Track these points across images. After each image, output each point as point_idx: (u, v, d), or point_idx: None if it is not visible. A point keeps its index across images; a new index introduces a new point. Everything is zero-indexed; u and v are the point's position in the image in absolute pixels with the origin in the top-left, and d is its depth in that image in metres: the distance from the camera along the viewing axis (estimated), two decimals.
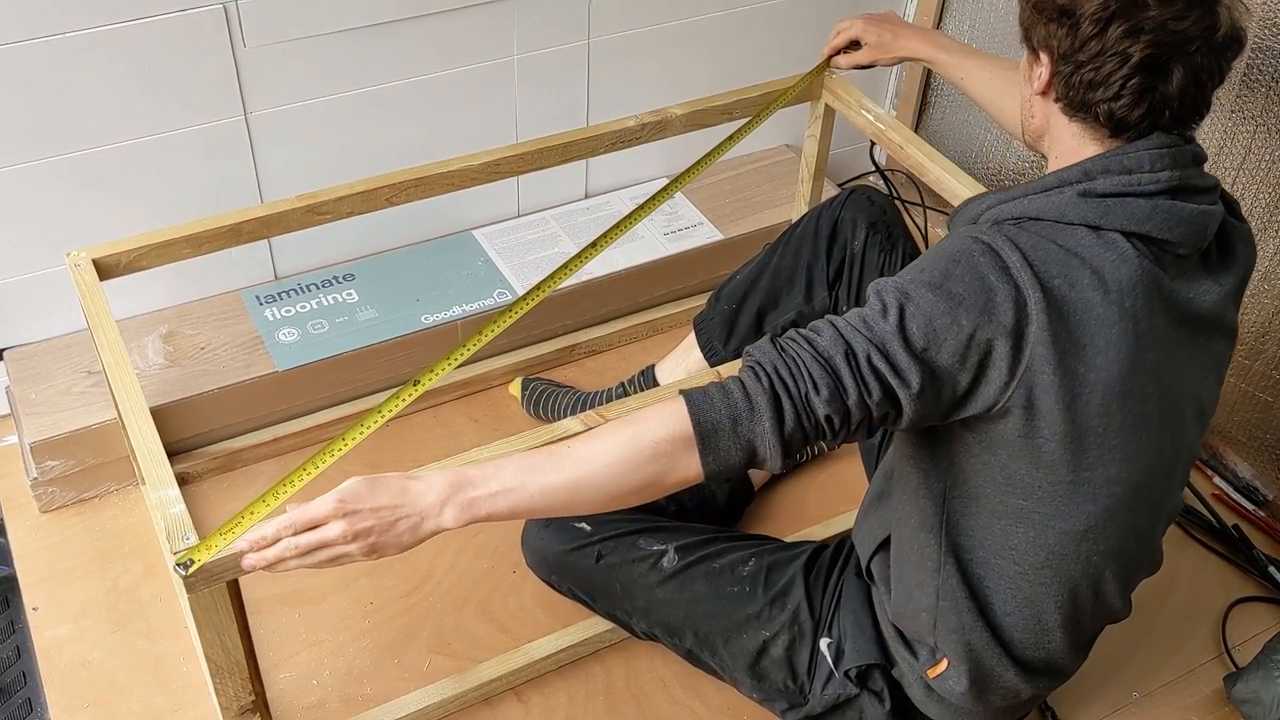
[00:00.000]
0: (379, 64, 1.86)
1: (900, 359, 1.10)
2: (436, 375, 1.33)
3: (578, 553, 1.50)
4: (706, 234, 2.13)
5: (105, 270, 1.50)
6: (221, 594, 1.20)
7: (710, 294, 1.86)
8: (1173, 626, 1.73)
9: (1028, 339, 1.10)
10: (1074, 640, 1.31)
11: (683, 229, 2.14)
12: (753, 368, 1.12)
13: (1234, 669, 1.66)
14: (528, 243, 2.09)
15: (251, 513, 1.15)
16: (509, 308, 1.43)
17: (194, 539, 1.17)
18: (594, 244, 1.54)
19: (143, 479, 1.32)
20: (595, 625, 1.62)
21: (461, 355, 1.35)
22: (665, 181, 1.54)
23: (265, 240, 1.86)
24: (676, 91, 2.01)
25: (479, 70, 1.95)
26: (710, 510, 1.70)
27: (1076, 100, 1.15)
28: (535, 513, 1.13)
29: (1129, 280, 1.12)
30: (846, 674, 1.37)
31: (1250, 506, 1.89)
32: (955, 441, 1.21)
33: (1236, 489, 1.93)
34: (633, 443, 1.11)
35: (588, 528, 1.50)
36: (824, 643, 1.40)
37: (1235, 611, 1.75)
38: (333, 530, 1.07)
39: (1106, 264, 1.11)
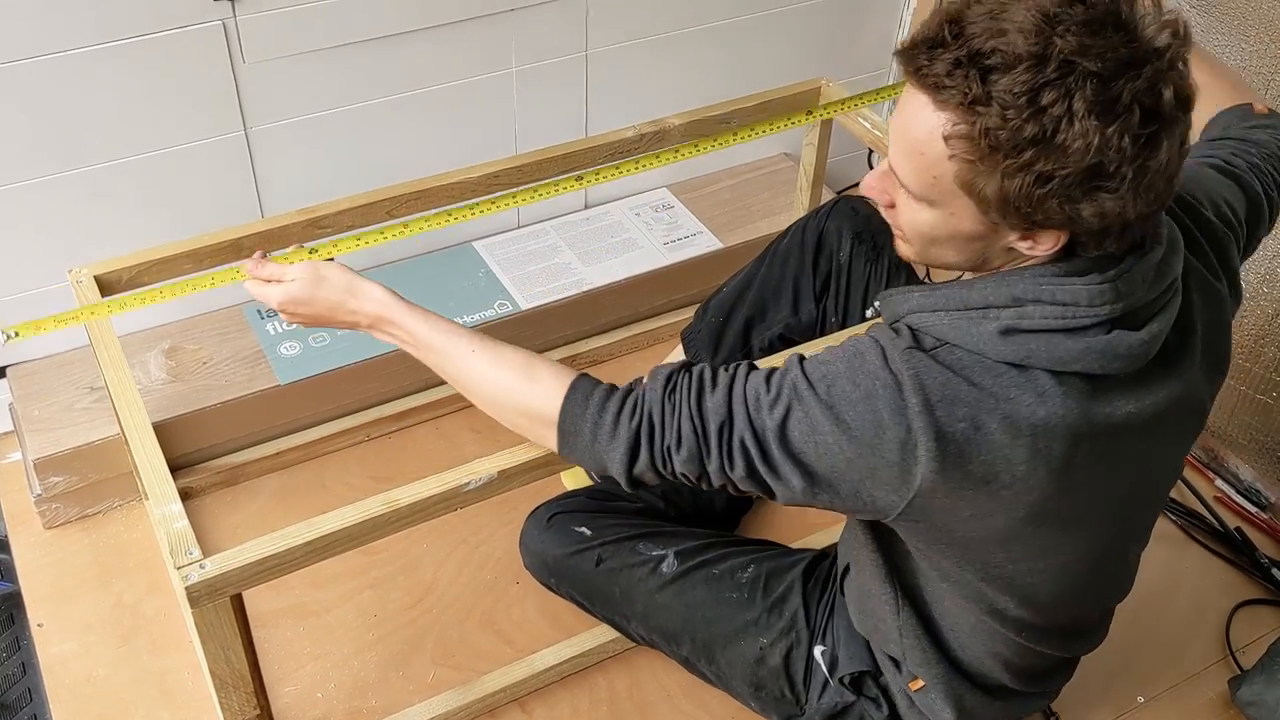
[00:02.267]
0: (378, 78, 1.86)
1: (774, 453, 1.07)
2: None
3: (577, 556, 1.50)
4: (706, 243, 2.14)
5: (107, 286, 1.50)
6: (225, 608, 1.20)
7: (698, 306, 1.83)
8: (1177, 630, 1.73)
9: (915, 474, 1.04)
10: (1031, 677, 1.32)
11: (682, 238, 2.14)
12: (637, 400, 1.12)
13: (1239, 672, 1.66)
14: (528, 254, 2.09)
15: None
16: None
17: (198, 553, 1.17)
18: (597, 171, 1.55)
19: (146, 494, 1.32)
20: (599, 635, 1.62)
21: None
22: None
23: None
24: (675, 102, 2.01)
25: (478, 83, 1.96)
26: (708, 515, 1.69)
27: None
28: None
29: (1045, 422, 1.03)
30: (841, 681, 1.37)
31: (1253, 509, 1.89)
32: None
33: (1238, 491, 1.93)
34: (514, 390, 1.17)
35: (588, 532, 1.50)
36: (818, 650, 1.40)
37: (1239, 614, 1.75)
38: (275, 306, 1.27)
39: (1022, 406, 1.03)
